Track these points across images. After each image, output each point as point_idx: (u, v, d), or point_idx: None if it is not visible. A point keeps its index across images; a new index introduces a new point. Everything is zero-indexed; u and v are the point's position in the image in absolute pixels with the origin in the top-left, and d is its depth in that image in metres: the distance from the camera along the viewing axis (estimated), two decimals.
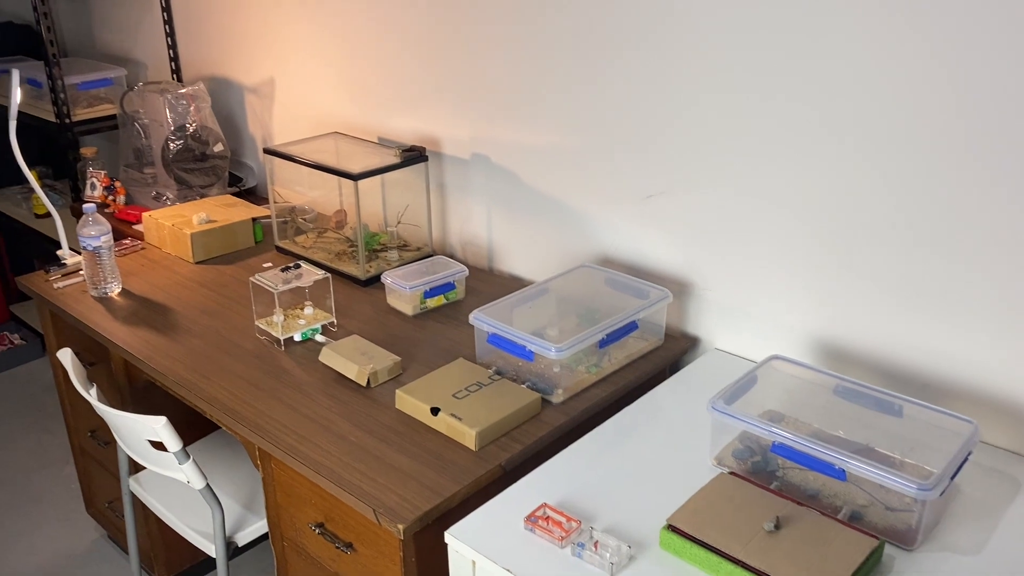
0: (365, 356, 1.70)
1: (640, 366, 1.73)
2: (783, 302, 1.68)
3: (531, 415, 1.56)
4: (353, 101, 2.40)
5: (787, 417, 1.49)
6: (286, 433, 1.54)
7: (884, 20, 1.40)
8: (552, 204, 2.01)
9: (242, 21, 2.66)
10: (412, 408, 1.57)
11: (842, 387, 1.44)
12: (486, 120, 2.08)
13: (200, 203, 2.45)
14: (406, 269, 2.01)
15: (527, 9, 1.89)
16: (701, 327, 1.83)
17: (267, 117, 2.72)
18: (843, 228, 1.56)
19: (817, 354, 1.66)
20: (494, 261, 2.21)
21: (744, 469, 1.39)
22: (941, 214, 1.44)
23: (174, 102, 2.51)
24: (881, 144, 1.47)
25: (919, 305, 1.50)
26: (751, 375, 1.46)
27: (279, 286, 1.81)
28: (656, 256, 1.86)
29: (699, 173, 1.72)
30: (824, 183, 1.56)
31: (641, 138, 1.79)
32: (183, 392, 1.71)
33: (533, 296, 1.80)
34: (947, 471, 1.22)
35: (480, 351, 1.73)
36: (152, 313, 1.98)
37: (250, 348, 1.82)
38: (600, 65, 1.81)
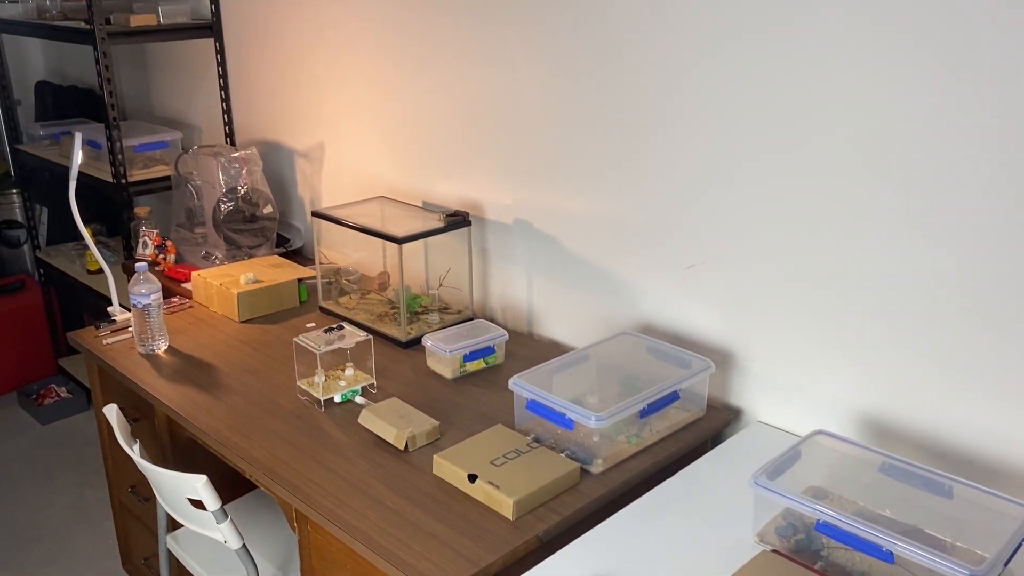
0: (404, 419, 1.71)
1: (681, 437, 1.71)
2: (828, 375, 1.65)
3: (570, 485, 1.55)
4: (399, 166, 2.45)
5: (832, 494, 1.45)
6: (323, 495, 1.54)
7: (943, 87, 1.41)
8: (593, 270, 2.02)
9: (294, 88, 2.75)
10: (449, 474, 1.57)
11: (889, 465, 1.41)
12: (529, 186, 2.11)
13: (248, 263, 2.50)
14: (446, 332, 2.02)
15: (571, 81, 1.93)
16: (744, 399, 1.81)
17: (316, 180, 2.79)
18: (890, 302, 1.54)
19: (863, 430, 1.63)
20: (534, 326, 2.22)
21: (787, 547, 1.36)
22: (993, 289, 1.41)
23: (227, 165, 2.58)
24: (931, 218, 1.46)
25: (969, 382, 1.47)
26: (795, 450, 1.44)
27: (322, 347, 1.83)
28: (698, 325, 1.85)
29: (741, 243, 1.72)
30: (871, 255, 1.54)
31: (683, 206, 1.80)
32: (224, 451, 1.73)
33: (573, 362, 1.80)
34: (1000, 556, 1.18)
35: (519, 417, 1.72)
36: (197, 371, 2.02)
37: (291, 408, 1.84)
38: (643, 135, 1.83)
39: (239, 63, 2.96)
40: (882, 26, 1.44)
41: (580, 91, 1.92)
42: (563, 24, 1.91)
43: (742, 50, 1.62)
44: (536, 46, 1.98)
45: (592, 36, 1.86)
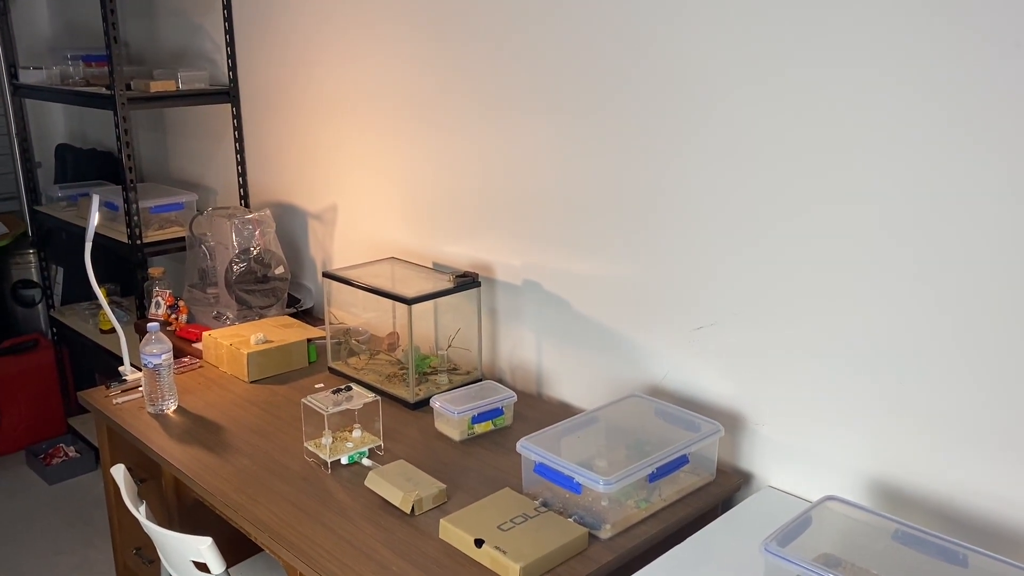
0: (410, 482, 1.69)
1: (691, 502, 1.69)
2: (839, 440, 1.64)
3: (577, 551, 1.53)
4: (410, 228, 2.48)
5: (844, 562, 1.43)
6: (328, 559, 1.52)
7: (944, 149, 1.43)
8: (602, 332, 2.03)
9: (308, 152, 2.80)
10: (456, 539, 1.55)
11: (902, 532, 1.39)
12: (538, 248, 2.13)
13: (258, 323, 2.52)
14: (455, 393, 2.02)
15: (581, 145, 1.96)
16: (754, 463, 1.79)
17: (327, 241, 2.82)
18: (902, 366, 1.53)
19: (875, 495, 1.60)
20: (543, 387, 2.21)
21: None
22: (1005, 356, 1.41)
23: (240, 226, 2.62)
24: (943, 283, 1.46)
25: (984, 448, 1.45)
26: (805, 516, 1.42)
27: (329, 408, 1.83)
28: (707, 388, 1.84)
29: (750, 306, 1.73)
30: (882, 321, 1.54)
31: (692, 269, 1.81)
32: (229, 513, 1.72)
33: (582, 425, 1.79)
34: None
35: (527, 480, 1.71)
36: (205, 431, 2.01)
37: (297, 470, 1.83)
38: (653, 198, 1.85)
39: (255, 127, 3.02)
40: (901, 88, 1.46)
41: (590, 155, 1.95)
42: (574, 90, 1.95)
43: (754, 117, 1.65)
44: (547, 111, 2.02)
45: (603, 101, 1.90)
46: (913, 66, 1.42)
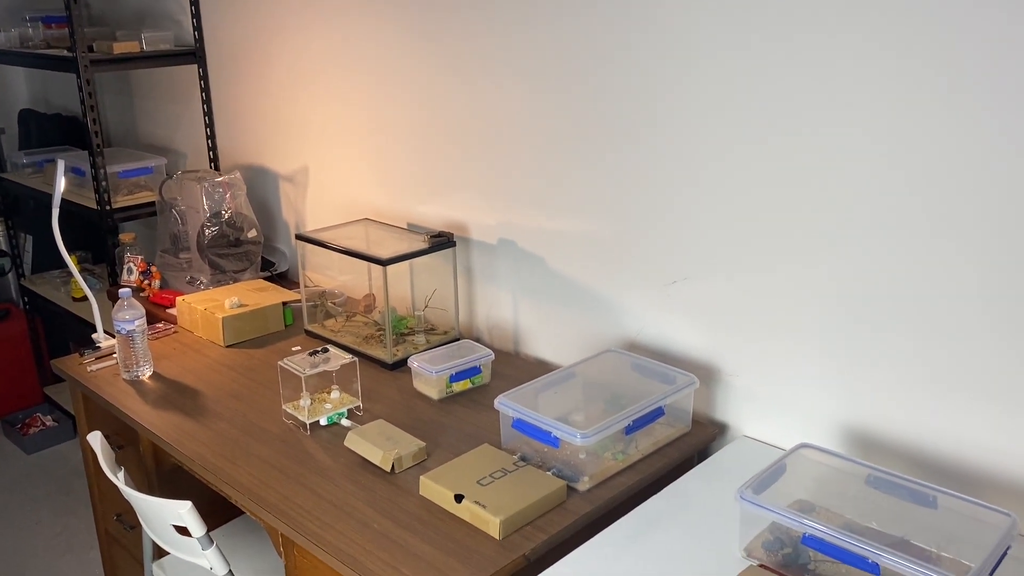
0: (390, 441, 1.70)
1: (667, 453, 1.71)
2: (813, 388, 1.66)
3: (556, 503, 1.54)
4: (383, 188, 2.46)
5: (818, 508, 1.45)
6: (309, 519, 1.53)
7: (914, 100, 1.43)
8: (578, 288, 2.03)
9: (277, 112, 2.76)
10: (436, 495, 1.56)
11: (874, 477, 1.41)
12: (512, 206, 2.12)
13: (232, 288, 2.50)
14: (432, 353, 2.02)
15: (553, 102, 1.95)
16: (729, 413, 1.81)
17: (300, 203, 2.79)
18: (874, 314, 1.55)
19: (848, 442, 1.63)
20: (520, 345, 2.22)
21: (774, 561, 1.36)
22: (974, 301, 1.43)
23: (211, 190, 2.59)
24: (913, 228, 1.47)
25: (952, 393, 1.48)
26: (780, 464, 1.44)
27: (306, 370, 1.83)
28: (682, 341, 1.85)
29: (723, 258, 1.73)
30: (854, 267, 1.56)
31: (665, 224, 1.81)
32: (209, 476, 1.72)
33: (559, 381, 1.80)
34: (985, 566, 1.18)
35: (505, 436, 1.72)
36: (181, 396, 2.01)
37: (276, 432, 1.83)
38: (625, 152, 1.84)
39: (222, 88, 2.97)
40: (873, 36, 1.46)
41: (562, 111, 1.94)
42: (545, 46, 1.93)
43: (721, 68, 1.64)
44: (518, 67, 2.00)
45: (574, 56, 1.88)
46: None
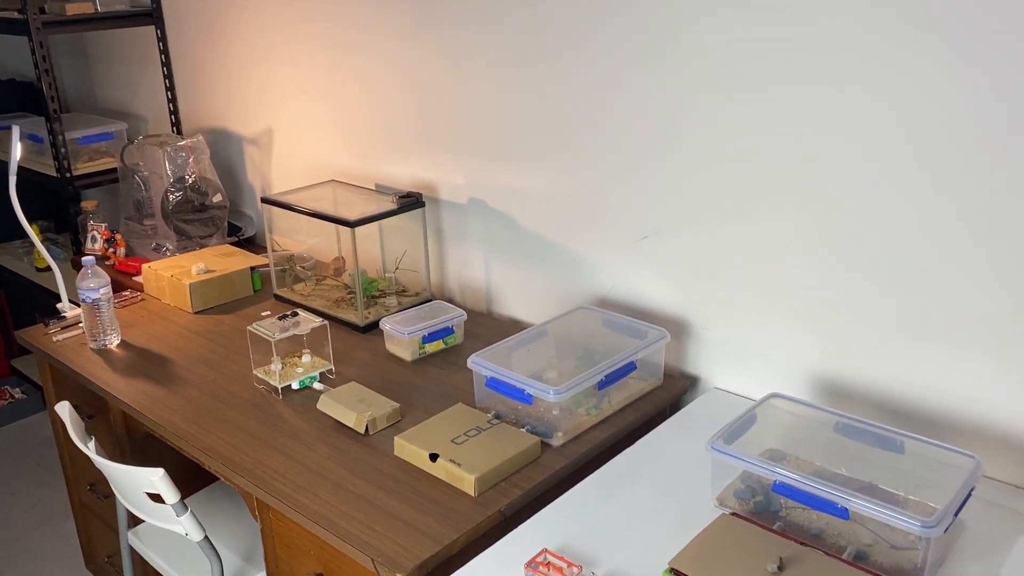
0: (363, 403, 1.70)
1: (640, 407, 1.72)
2: (782, 339, 1.68)
3: (531, 459, 1.55)
4: (350, 149, 2.43)
5: (788, 456, 1.47)
6: (284, 483, 1.53)
7: (887, 60, 1.43)
8: (549, 247, 2.02)
9: (240, 74, 2.70)
10: (411, 455, 1.56)
11: (843, 424, 1.43)
12: (481, 165, 2.10)
13: (199, 253, 2.46)
14: (404, 315, 2.01)
15: (519, 55, 1.92)
16: (700, 366, 1.82)
17: (265, 167, 2.75)
18: (840, 264, 1.56)
19: (817, 391, 1.65)
20: (493, 304, 2.21)
21: (746, 510, 1.38)
22: (938, 250, 1.44)
23: (173, 154, 2.54)
24: (879, 181, 1.48)
25: (918, 341, 1.50)
26: (750, 414, 1.45)
27: (276, 334, 1.81)
28: (653, 296, 1.86)
29: (693, 212, 1.73)
30: (820, 220, 1.56)
31: (634, 179, 1.81)
32: (181, 443, 1.71)
33: (531, 339, 1.80)
34: (951, 507, 1.21)
35: (479, 395, 1.72)
36: (150, 364, 1.98)
37: (248, 397, 1.82)
38: (593, 108, 1.83)
39: (182, 50, 2.90)
40: None
41: (530, 68, 1.91)
42: (514, 3, 1.90)
43: (688, 25, 1.62)
44: (485, 25, 1.97)
45: (541, 14, 1.85)
46: None
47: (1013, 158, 1.32)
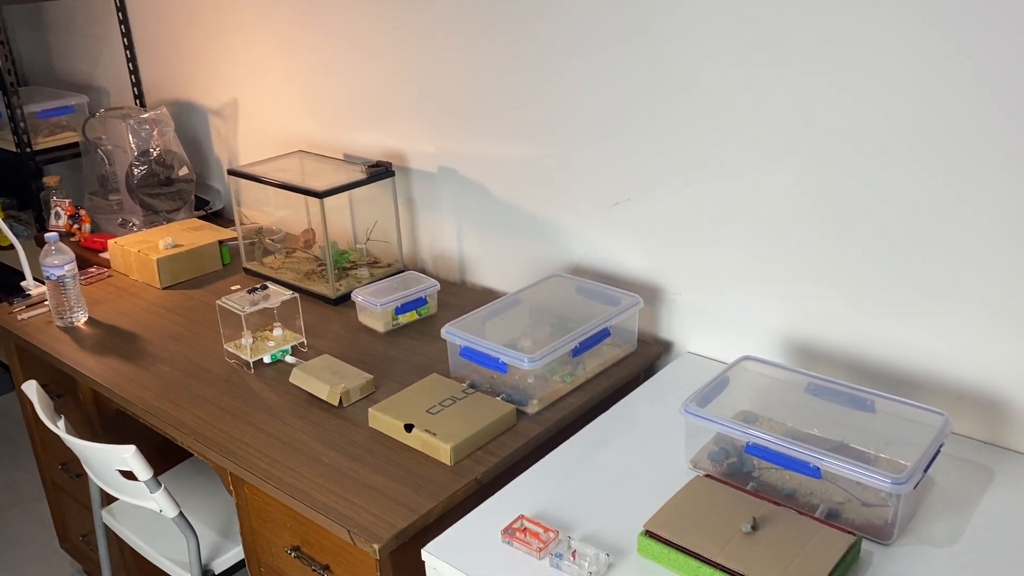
0: (336, 376, 1.68)
1: (614, 373, 1.72)
2: (753, 303, 1.68)
3: (506, 427, 1.55)
4: (317, 119, 2.39)
5: (761, 417, 1.49)
6: (258, 457, 1.52)
7: (860, 27, 1.42)
8: (521, 215, 2.01)
9: (203, 44, 2.64)
10: (386, 426, 1.56)
11: (814, 385, 1.45)
12: (451, 133, 2.08)
13: (166, 228, 2.42)
14: (377, 286, 1.99)
15: (487, 23, 1.89)
16: (673, 331, 1.83)
17: (232, 139, 2.70)
18: (810, 227, 1.56)
19: (789, 353, 1.66)
20: (466, 274, 2.20)
21: (720, 471, 1.39)
22: (905, 212, 1.45)
23: (137, 127, 2.48)
24: (847, 146, 1.48)
25: (887, 301, 1.51)
26: (723, 377, 1.46)
27: (246, 308, 1.79)
28: (626, 263, 1.86)
29: (664, 178, 1.73)
30: (790, 184, 1.56)
31: (606, 145, 1.79)
32: (153, 420, 1.69)
33: (505, 308, 1.79)
34: (920, 464, 1.22)
35: (453, 365, 1.71)
36: (119, 341, 1.95)
37: (219, 372, 1.80)
38: (562, 75, 1.81)
39: (143, 20, 2.82)
40: None
41: (499, 35, 1.89)
42: None
43: None
44: None
45: None
46: None
47: (985, 123, 1.32)
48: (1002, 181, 1.33)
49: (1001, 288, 1.38)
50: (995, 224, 1.36)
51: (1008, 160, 1.32)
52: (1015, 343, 1.40)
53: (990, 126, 1.32)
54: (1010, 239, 1.35)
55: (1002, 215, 1.35)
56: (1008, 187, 1.33)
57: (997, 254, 1.37)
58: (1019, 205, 1.33)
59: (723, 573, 1.14)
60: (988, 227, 1.37)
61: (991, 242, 1.37)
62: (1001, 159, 1.32)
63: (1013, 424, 1.43)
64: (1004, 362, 1.41)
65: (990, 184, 1.35)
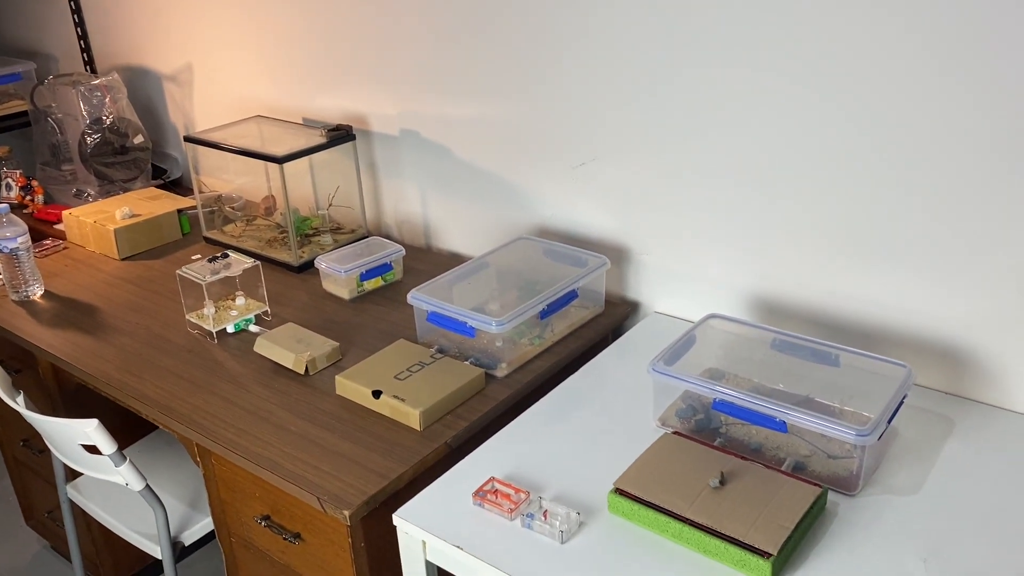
0: (302, 344, 1.67)
1: (582, 334, 1.72)
2: (718, 261, 1.69)
3: (475, 391, 1.55)
4: (274, 83, 2.33)
5: (727, 374, 1.50)
6: (224, 427, 1.50)
7: None
8: (486, 177, 1.99)
9: (155, 7, 2.56)
10: (353, 393, 1.54)
11: (779, 341, 1.46)
12: (413, 95, 2.04)
13: (123, 198, 2.37)
14: (340, 252, 1.97)
15: None
16: (641, 291, 1.83)
17: (187, 105, 2.63)
18: (772, 184, 1.56)
19: (754, 310, 1.68)
20: (431, 239, 2.18)
21: (688, 428, 1.40)
22: (865, 167, 1.45)
23: (88, 94, 2.41)
24: (806, 100, 1.47)
25: (850, 257, 1.52)
26: (689, 335, 1.47)
27: (207, 277, 1.76)
28: (592, 224, 1.85)
29: (628, 138, 1.72)
30: (750, 140, 1.56)
31: (570, 104, 1.77)
32: (115, 393, 1.66)
33: (472, 272, 1.78)
34: (884, 416, 1.24)
35: (421, 331, 1.70)
36: (78, 314, 1.91)
37: (182, 343, 1.77)
38: (524, 32, 1.78)
39: None
40: None
41: None
42: None
43: None
44: None
45: None
46: None
47: (940, 80, 1.33)
48: (960, 137, 1.34)
49: (960, 241, 1.40)
50: (954, 180, 1.37)
51: (967, 116, 1.32)
52: (975, 294, 1.42)
53: (948, 82, 1.32)
54: (969, 194, 1.36)
55: (960, 171, 1.36)
56: (966, 143, 1.34)
57: (956, 209, 1.38)
58: (977, 161, 1.34)
59: (692, 528, 1.15)
60: (947, 183, 1.38)
61: (950, 197, 1.38)
62: (960, 115, 1.33)
63: (972, 374, 1.46)
64: (964, 313, 1.44)
65: (948, 140, 1.35)
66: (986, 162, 1.34)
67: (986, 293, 1.41)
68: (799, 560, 1.14)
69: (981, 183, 1.35)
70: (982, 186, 1.35)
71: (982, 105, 1.31)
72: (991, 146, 1.32)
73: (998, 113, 1.30)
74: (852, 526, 1.20)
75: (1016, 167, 1.31)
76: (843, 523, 1.20)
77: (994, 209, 1.35)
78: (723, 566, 1.14)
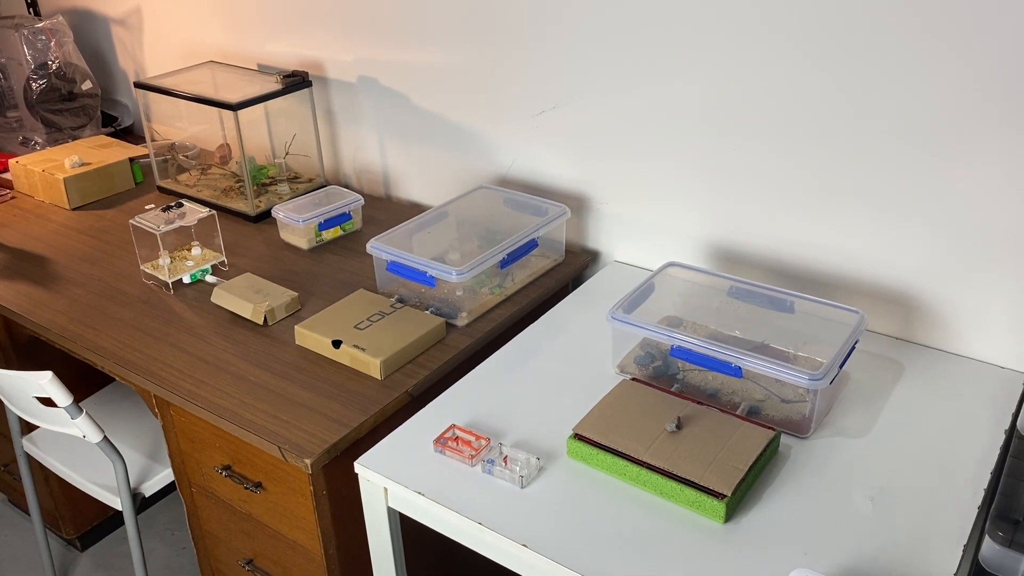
0: (260, 294, 1.65)
1: (543, 284, 1.73)
2: (676, 210, 1.70)
3: (436, 340, 1.55)
4: (227, 27, 2.27)
5: (685, 321, 1.52)
6: (182, 378, 1.48)
7: None
8: (446, 125, 1.97)
9: None
10: (313, 343, 1.54)
11: (736, 288, 1.48)
12: (370, 41, 2.00)
13: (72, 146, 2.30)
14: (298, 202, 1.94)
15: None
16: (601, 241, 1.84)
17: (137, 50, 2.55)
18: (729, 134, 1.57)
19: (712, 258, 1.69)
20: (391, 188, 2.16)
21: (646, 374, 1.42)
22: (819, 115, 1.46)
23: (32, 38, 2.33)
24: (761, 48, 1.47)
25: (804, 205, 1.54)
26: (648, 283, 1.48)
27: (161, 227, 1.72)
28: (552, 173, 1.84)
29: (588, 86, 1.70)
30: (708, 91, 1.56)
31: (529, 51, 1.75)
32: (69, 345, 1.63)
33: (432, 221, 1.77)
34: (836, 360, 1.27)
35: (381, 280, 1.69)
36: (28, 265, 1.87)
37: (137, 294, 1.74)
38: None
39: None
40: None
41: None
42: None
43: None
44: None
45: None
46: None
47: (890, 24, 1.33)
48: (909, 86, 1.35)
49: (911, 188, 1.42)
50: (904, 126, 1.38)
51: (917, 59, 1.33)
52: (925, 242, 1.44)
53: (898, 26, 1.33)
54: (919, 140, 1.38)
55: (910, 116, 1.37)
56: (917, 87, 1.35)
57: (906, 155, 1.40)
58: (928, 106, 1.35)
59: (649, 471, 1.18)
60: (897, 129, 1.39)
61: (901, 144, 1.40)
62: (910, 57, 1.34)
63: (922, 320, 1.49)
64: (914, 260, 1.46)
65: (899, 85, 1.36)
66: (935, 110, 1.35)
67: (936, 241, 1.43)
68: (752, 501, 1.17)
69: (930, 131, 1.37)
70: (931, 134, 1.37)
71: (933, 51, 1.32)
72: (939, 94, 1.34)
73: (947, 59, 1.31)
74: (803, 467, 1.23)
75: (968, 115, 1.33)
76: (795, 464, 1.23)
77: (942, 157, 1.37)
78: (679, 508, 1.16)
